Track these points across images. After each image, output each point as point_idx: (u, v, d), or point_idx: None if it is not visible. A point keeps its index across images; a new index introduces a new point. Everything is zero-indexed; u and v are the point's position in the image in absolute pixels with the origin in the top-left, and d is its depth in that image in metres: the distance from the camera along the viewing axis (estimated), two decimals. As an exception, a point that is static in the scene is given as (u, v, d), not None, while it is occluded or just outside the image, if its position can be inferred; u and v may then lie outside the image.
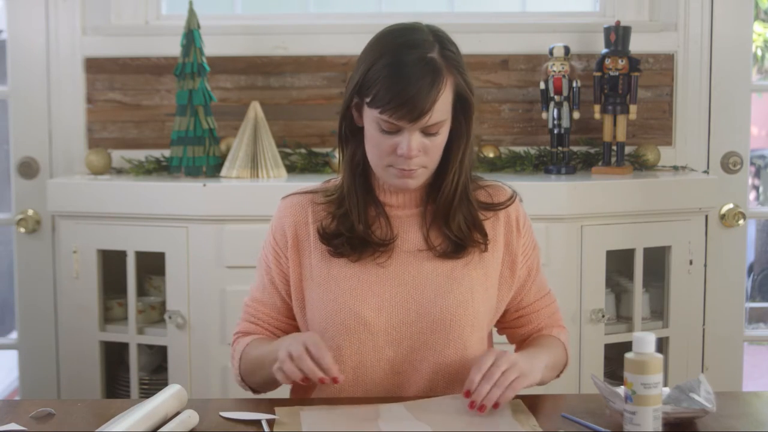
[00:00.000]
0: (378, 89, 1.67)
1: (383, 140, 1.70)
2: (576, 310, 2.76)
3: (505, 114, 3.13)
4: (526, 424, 1.59)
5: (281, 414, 1.64)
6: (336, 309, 1.75)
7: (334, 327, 1.75)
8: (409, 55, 1.67)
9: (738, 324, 3.14)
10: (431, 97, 1.65)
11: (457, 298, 1.76)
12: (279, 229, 1.84)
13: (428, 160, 1.72)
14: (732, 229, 3.12)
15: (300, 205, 1.84)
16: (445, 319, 1.76)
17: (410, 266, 1.78)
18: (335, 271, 1.78)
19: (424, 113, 1.65)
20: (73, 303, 2.86)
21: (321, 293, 1.78)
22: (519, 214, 1.85)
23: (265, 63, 3.11)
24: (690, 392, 1.59)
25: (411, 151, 1.68)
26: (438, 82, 1.66)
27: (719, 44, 3.10)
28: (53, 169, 3.11)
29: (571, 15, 3.24)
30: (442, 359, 1.76)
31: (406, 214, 1.81)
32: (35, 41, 3.09)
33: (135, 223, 2.79)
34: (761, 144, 6.43)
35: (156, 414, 1.57)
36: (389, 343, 1.76)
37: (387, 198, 1.81)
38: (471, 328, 1.78)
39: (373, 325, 1.75)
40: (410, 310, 1.76)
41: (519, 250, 1.84)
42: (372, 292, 1.76)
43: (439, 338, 1.76)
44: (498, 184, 1.87)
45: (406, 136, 1.68)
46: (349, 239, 1.77)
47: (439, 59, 1.68)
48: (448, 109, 1.71)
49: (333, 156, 2.99)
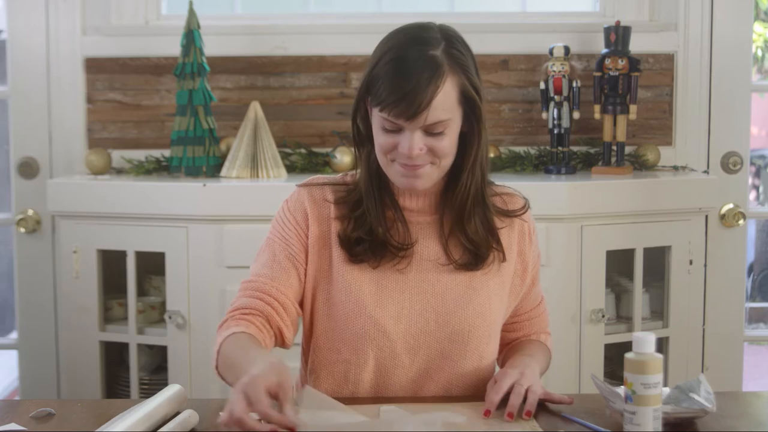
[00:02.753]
0: (378, 86, 1.65)
1: (386, 139, 1.68)
2: (576, 310, 2.76)
3: (505, 114, 3.13)
4: (526, 424, 1.59)
5: (281, 414, 1.63)
6: (356, 312, 1.73)
7: (353, 330, 1.73)
8: (412, 51, 1.64)
9: (738, 324, 3.14)
10: (428, 93, 1.62)
11: (475, 309, 1.76)
12: (299, 210, 1.78)
13: (435, 158, 1.69)
14: (732, 229, 3.12)
15: (322, 197, 1.79)
16: (463, 330, 1.75)
17: (430, 274, 1.76)
18: (357, 274, 1.75)
19: (420, 110, 1.62)
20: (73, 303, 2.86)
21: (341, 294, 1.75)
22: (531, 224, 1.85)
23: (265, 63, 3.11)
24: (690, 392, 1.59)
25: (412, 150, 1.65)
26: (436, 78, 1.62)
27: (719, 44, 3.10)
28: (53, 169, 3.11)
29: (571, 15, 3.24)
30: (458, 369, 1.76)
31: (425, 220, 1.79)
32: (35, 41, 3.09)
33: (135, 223, 2.79)
34: (761, 144, 6.43)
35: (156, 414, 1.57)
36: (407, 351, 1.75)
37: (405, 202, 1.78)
38: (488, 339, 1.78)
39: (391, 332, 1.74)
40: (429, 319, 1.75)
41: (530, 259, 1.84)
42: (392, 299, 1.74)
43: (457, 348, 1.75)
44: (511, 191, 1.86)
45: (407, 135, 1.66)
46: (370, 244, 1.74)
47: (441, 56, 1.65)
48: (451, 108, 1.66)
49: (333, 156, 2.99)
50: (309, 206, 1.79)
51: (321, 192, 1.80)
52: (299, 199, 1.80)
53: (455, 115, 1.68)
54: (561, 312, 2.73)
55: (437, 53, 1.65)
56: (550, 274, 2.71)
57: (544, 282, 2.74)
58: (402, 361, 1.75)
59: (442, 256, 1.77)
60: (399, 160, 1.69)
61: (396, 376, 1.76)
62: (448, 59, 1.66)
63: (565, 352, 2.74)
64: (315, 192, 1.80)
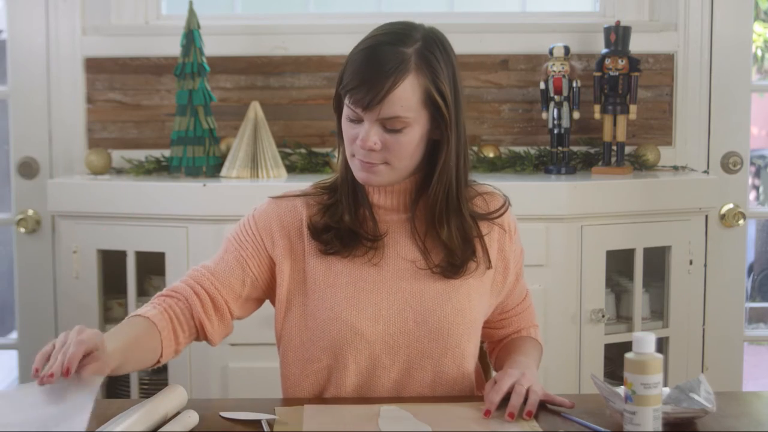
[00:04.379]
0: (346, 71, 1.69)
1: (349, 129, 1.70)
2: (576, 310, 2.76)
3: (505, 114, 3.13)
4: (526, 424, 1.59)
5: (281, 414, 1.64)
6: (332, 318, 1.73)
7: (330, 336, 1.73)
8: (385, 46, 1.66)
9: (738, 324, 3.14)
10: (385, 85, 1.63)
11: (454, 306, 1.75)
12: (263, 224, 1.78)
13: (391, 157, 1.68)
14: (732, 229, 3.13)
15: (293, 208, 1.79)
16: (443, 327, 1.74)
17: (407, 273, 1.76)
18: (331, 279, 1.75)
19: (375, 100, 1.63)
20: (73, 303, 2.86)
21: (316, 301, 1.75)
22: (511, 220, 1.84)
23: (265, 63, 3.11)
24: (690, 392, 1.59)
25: (366, 142, 1.66)
26: (398, 72, 1.63)
27: (719, 44, 3.10)
28: (53, 169, 3.11)
29: (571, 15, 3.24)
30: (440, 367, 1.75)
31: (395, 219, 1.78)
32: (35, 41, 3.09)
33: (135, 223, 2.79)
34: (761, 144, 6.44)
35: (156, 414, 1.57)
36: (386, 352, 1.74)
37: (375, 198, 1.78)
38: (468, 336, 1.77)
39: (369, 335, 1.73)
40: (408, 318, 1.74)
41: (511, 255, 1.84)
42: (369, 301, 1.74)
43: (437, 347, 1.74)
44: (491, 190, 1.85)
45: (365, 126, 1.66)
46: (337, 232, 1.74)
47: (410, 54, 1.66)
48: (412, 108, 1.66)
49: (333, 156, 2.99)
50: (275, 221, 1.78)
51: (291, 204, 1.79)
52: (266, 212, 1.80)
53: (418, 116, 1.67)
54: (561, 312, 2.73)
55: (408, 50, 1.66)
56: (550, 274, 2.71)
57: (544, 282, 2.74)
58: (382, 362, 1.74)
59: (419, 259, 1.76)
60: (357, 155, 1.70)
61: (378, 377, 1.75)
62: (418, 58, 1.66)
63: (565, 352, 2.74)
64: (284, 205, 1.80)
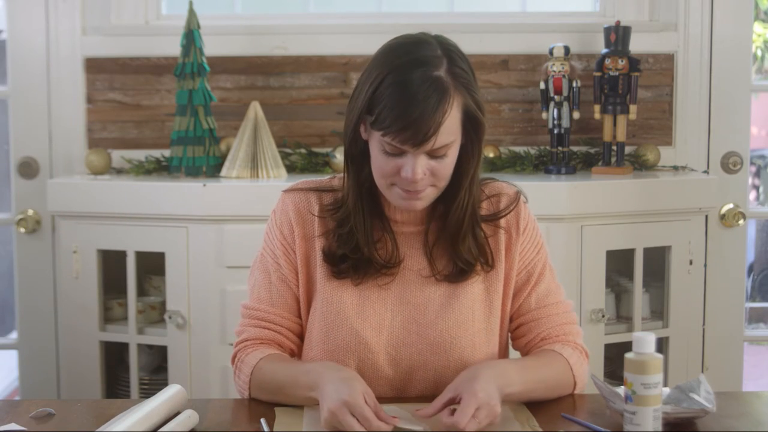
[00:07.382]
0: (381, 110, 1.59)
1: (387, 162, 1.63)
2: (576, 310, 2.75)
3: (505, 114, 3.13)
4: (526, 424, 1.59)
5: (281, 414, 1.64)
6: (338, 324, 1.73)
7: (335, 342, 1.73)
8: (415, 74, 1.58)
9: (738, 324, 3.14)
10: (436, 120, 1.57)
11: (457, 319, 1.73)
12: (285, 223, 1.77)
13: (437, 180, 1.65)
14: (732, 229, 3.12)
15: (307, 201, 1.77)
16: (444, 341, 1.73)
17: (412, 285, 1.75)
18: (338, 286, 1.74)
19: (428, 137, 1.58)
20: (73, 303, 2.86)
21: (323, 305, 1.75)
22: (520, 216, 1.79)
23: (265, 63, 3.11)
24: (690, 392, 1.59)
25: (416, 176, 1.61)
26: (443, 103, 1.58)
27: (719, 44, 3.10)
28: (53, 169, 3.11)
29: (571, 15, 3.24)
30: (442, 380, 1.72)
31: (410, 231, 1.77)
32: (35, 41, 3.09)
33: (135, 223, 2.79)
34: (761, 144, 6.43)
35: (156, 414, 1.57)
36: (389, 363, 1.73)
37: (393, 214, 1.76)
38: (471, 348, 1.74)
39: (372, 344, 1.72)
40: (411, 331, 1.73)
41: (516, 249, 1.78)
42: (374, 310, 1.73)
43: (440, 359, 1.73)
44: (498, 191, 1.80)
45: (410, 159, 1.61)
46: (354, 263, 1.72)
47: (446, 77, 1.60)
48: (456, 130, 1.62)
49: (333, 156, 2.99)
50: (294, 220, 1.77)
51: (306, 201, 1.78)
52: (284, 210, 1.78)
53: (459, 135, 1.65)
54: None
55: (441, 74, 1.60)
56: (550, 274, 2.71)
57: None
58: (385, 372, 1.74)
59: (425, 267, 1.75)
60: (400, 185, 1.65)
61: (380, 387, 1.73)
62: (453, 80, 1.61)
63: (565, 352, 2.73)
64: (300, 201, 1.78)
